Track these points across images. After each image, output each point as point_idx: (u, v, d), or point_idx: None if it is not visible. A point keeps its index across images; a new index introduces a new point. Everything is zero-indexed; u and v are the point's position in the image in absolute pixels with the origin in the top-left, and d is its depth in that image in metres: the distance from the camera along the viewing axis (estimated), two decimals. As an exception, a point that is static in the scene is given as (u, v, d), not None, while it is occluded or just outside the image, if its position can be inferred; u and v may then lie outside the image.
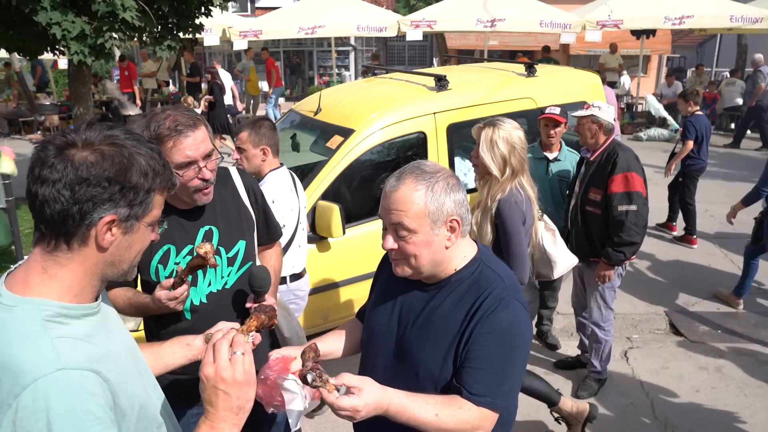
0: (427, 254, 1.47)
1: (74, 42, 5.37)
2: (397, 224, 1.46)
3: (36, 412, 0.93)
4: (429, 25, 11.69)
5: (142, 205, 1.10)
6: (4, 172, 5.40)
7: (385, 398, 1.36)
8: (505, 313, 1.45)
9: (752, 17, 11.04)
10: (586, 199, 3.51)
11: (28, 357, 0.97)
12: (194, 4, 6.43)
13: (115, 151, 1.06)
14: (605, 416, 3.56)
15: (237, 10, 19.51)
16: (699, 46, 22.81)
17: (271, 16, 13.12)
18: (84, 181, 1.02)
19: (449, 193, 1.46)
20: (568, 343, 4.36)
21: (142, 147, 1.11)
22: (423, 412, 1.39)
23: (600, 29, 11.49)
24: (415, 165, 1.51)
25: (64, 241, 1.06)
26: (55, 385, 0.95)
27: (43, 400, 0.94)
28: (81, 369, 0.99)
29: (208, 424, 1.10)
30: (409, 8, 21.56)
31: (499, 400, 1.44)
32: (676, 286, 5.29)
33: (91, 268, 1.09)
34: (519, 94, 4.65)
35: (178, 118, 1.81)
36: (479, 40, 16.63)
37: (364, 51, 22.69)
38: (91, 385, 0.99)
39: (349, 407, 1.29)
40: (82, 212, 1.03)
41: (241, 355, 1.12)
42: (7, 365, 0.96)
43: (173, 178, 1.18)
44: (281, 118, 5.07)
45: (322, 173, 3.79)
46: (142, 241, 1.16)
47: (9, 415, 0.93)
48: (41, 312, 1.02)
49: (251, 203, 2.14)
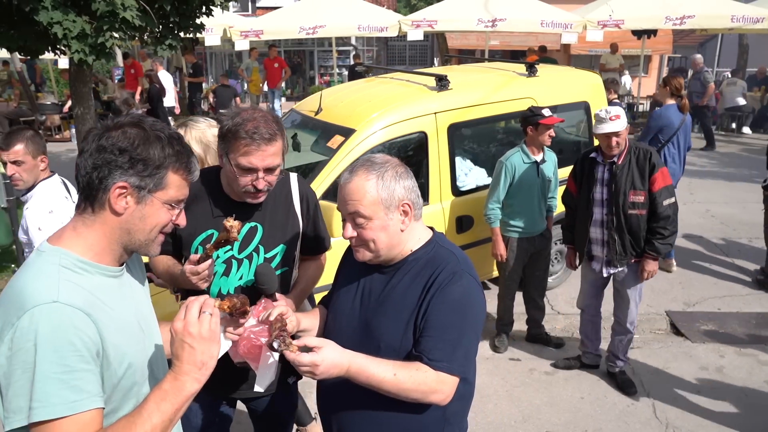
0: (384, 238, 1.59)
1: (75, 41, 5.37)
2: (353, 213, 1.58)
3: (28, 333, 1.12)
4: (430, 24, 11.68)
5: (153, 178, 1.26)
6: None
7: (344, 358, 1.47)
8: (459, 285, 1.57)
9: (753, 17, 11.03)
10: (627, 203, 3.45)
11: (35, 288, 1.17)
12: (195, 4, 6.42)
13: (136, 130, 1.26)
14: (605, 416, 3.56)
15: (238, 10, 19.50)
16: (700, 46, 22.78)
17: (272, 15, 13.11)
18: (102, 150, 1.23)
19: (399, 180, 1.59)
20: (569, 343, 4.36)
21: (163, 132, 1.29)
22: (381, 371, 1.49)
23: (601, 29, 11.48)
24: (365, 158, 1.65)
25: (89, 204, 1.26)
26: (48, 314, 1.14)
27: (36, 323, 1.12)
28: (73, 306, 1.16)
29: (173, 375, 1.22)
30: (410, 8, 21.55)
31: (455, 365, 1.54)
32: (676, 287, 5.29)
33: (109, 231, 1.27)
34: (520, 94, 4.65)
35: (260, 126, 1.84)
36: (480, 40, 16.62)
37: (365, 51, 22.68)
38: (78, 321, 1.16)
39: (308, 362, 1.41)
40: (99, 177, 1.23)
41: (208, 315, 1.25)
42: (19, 293, 1.17)
43: (190, 164, 1.32)
44: (282, 118, 5.07)
45: (323, 173, 3.80)
46: (158, 217, 1.30)
47: (9, 333, 1.13)
48: (61, 259, 1.23)
49: (302, 212, 2.16)
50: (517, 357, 4.22)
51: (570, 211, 3.87)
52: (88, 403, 1.15)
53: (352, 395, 1.65)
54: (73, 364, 1.14)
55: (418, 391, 1.51)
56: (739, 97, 12.36)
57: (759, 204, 4.89)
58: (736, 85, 12.52)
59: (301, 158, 4.66)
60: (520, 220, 4.03)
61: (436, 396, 1.54)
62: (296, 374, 2.32)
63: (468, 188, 4.46)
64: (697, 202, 7.72)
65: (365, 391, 1.56)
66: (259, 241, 2.05)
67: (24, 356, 1.12)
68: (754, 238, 6.38)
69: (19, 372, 1.12)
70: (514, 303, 4.32)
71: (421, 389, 1.51)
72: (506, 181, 3.93)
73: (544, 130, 3.84)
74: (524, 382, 3.91)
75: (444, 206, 4.26)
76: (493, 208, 4.00)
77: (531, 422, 3.52)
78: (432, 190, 4.22)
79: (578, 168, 3.72)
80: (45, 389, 1.11)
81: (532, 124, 3.85)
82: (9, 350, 1.13)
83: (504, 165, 3.93)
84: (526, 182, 3.93)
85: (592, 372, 4.00)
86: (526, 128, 3.91)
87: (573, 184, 3.79)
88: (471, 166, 4.64)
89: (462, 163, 4.53)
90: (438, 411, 1.63)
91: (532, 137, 3.90)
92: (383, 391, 1.51)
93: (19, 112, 12.98)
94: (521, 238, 4.07)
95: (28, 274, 1.22)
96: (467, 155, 4.71)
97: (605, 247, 3.59)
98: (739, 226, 6.78)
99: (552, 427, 3.48)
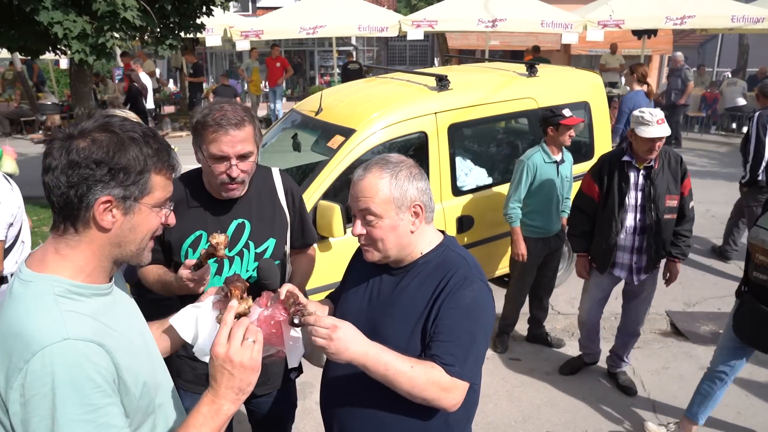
0: (393, 238, 1.58)
1: (75, 41, 5.38)
2: (364, 210, 1.57)
3: (43, 377, 1.03)
4: (430, 24, 11.68)
5: (137, 186, 1.16)
6: (5, 171, 5.40)
7: (364, 340, 1.44)
8: (470, 290, 1.55)
9: (754, 17, 11.03)
10: (664, 208, 3.39)
11: (38, 326, 1.07)
12: (196, 4, 6.43)
13: (106, 136, 1.14)
14: (606, 416, 3.56)
15: (238, 10, 19.50)
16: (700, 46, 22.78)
17: (273, 15, 13.12)
18: (75, 165, 1.11)
19: (412, 181, 1.59)
20: (570, 343, 4.36)
21: (136, 132, 1.17)
22: (399, 362, 1.45)
23: (601, 29, 11.48)
24: (380, 157, 1.64)
25: (70, 224, 1.15)
26: (61, 353, 1.04)
27: (50, 365, 1.03)
28: (85, 340, 1.08)
29: (210, 397, 1.19)
30: (410, 8, 21.55)
31: (466, 370, 1.52)
32: (676, 287, 5.27)
33: (98, 249, 1.18)
34: (520, 94, 4.65)
35: (227, 113, 1.87)
36: (480, 40, 16.60)
37: (365, 51, 22.68)
38: (94, 355, 1.08)
39: (329, 324, 1.39)
40: (78, 195, 1.12)
41: (252, 342, 1.21)
42: (20, 333, 1.06)
43: (171, 160, 1.23)
44: (282, 118, 5.08)
45: (324, 173, 3.80)
46: (148, 223, 1.22)
47: (19, 378, 1.03)
48: (53, 288, 1.13)
49: (288, 205, 2.18)
50: (517, 357, 4.22)
51: (583, 216, 3.62)
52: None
53: (354, 396, 1.65)
54: (96, 401, 1.07)
55: (431, 390, 1.47)
56: (739, 97, 12.35)
57: (759, 204, 4.89)
58: (737, 86, 12.52)
59: (302, 158, 4.67)
60: (538, 220, 3.99)
61: (446, 399, 1.49)
62: (298, 370, 2.32)
63: (468, 188, 4.46)
64: (698, 202, 7.61)
65: (368, 392, 1.55)
66: (248, 237, 2.05)
67: (41, 402, 1.03)
68: (755, 238, 6.39)
69: (36, 420, 1.04)
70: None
71: (434, 389, 1.47)
72: (527, 180, 3.87)
73: (564, 130, 3.79)
74: (524, 382, 3.91)
75: (444, 206, 4.26)
76: (514, 207, 3.94)
77: (531, 422, 3.53)
78: (432, 190, 4.19)
79: (605, 171, 3.46)
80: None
81: (552, 124, 3.80)
82: (22, 397, 1.04)
83: (525, 164, 3.87)
84: (546, 182, 3.90)
85: (592, 372, 4.00)
86: (547, 128, 3.86)
87: (595, 188, 3.51)
88: (471, 166, 4.64)
89: (462, 163, 4.53)
90: (441, 418, 1.61)
91: (553, 137, 3.85)
92: (397, 385, 1.45)
93: (19, 112, 13.00)
94: (538, 238, 4.03)
95: (21, 310, 1.10)
96: (467, 155, 4.71)
97: (636, 254, 3.48)
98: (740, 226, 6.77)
99: (552, 427, 3.48)
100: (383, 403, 1.58)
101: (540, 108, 4.70)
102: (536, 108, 4.68)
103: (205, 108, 1.93)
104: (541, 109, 4.30)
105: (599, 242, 3.54)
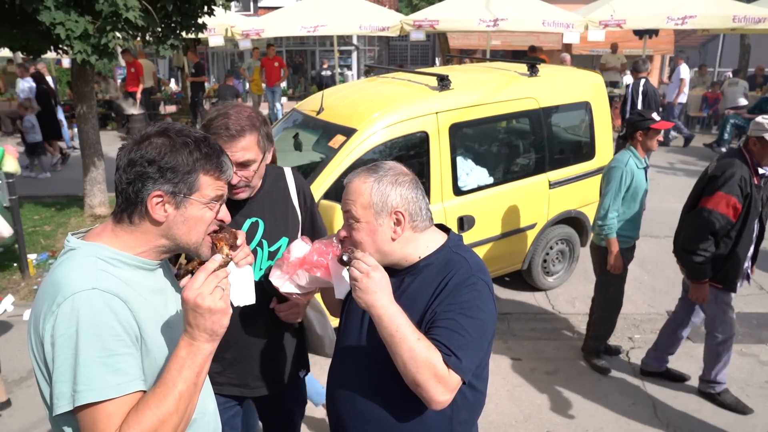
0: (371, 242, 1.59)
1: (77, 41, 5.38)
2: (347, 212, 1.61)
3: (70, 319, 1.17)
4: (431, 24, 11.67)
5: (186, 183, 1.30)
6: (7, 170, 5.43)
7: (390, 295, 1.49)
8: (470, 289, 1.55)
9: (755, 17, 11.01)
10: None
11: (74, 277, 1.23)
12: (197, 4, 6.44)
13: (162, 139, 1.30)
14: (607, 416, 3.57)
15: (240, 10, 19.52)
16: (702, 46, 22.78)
17: (274, 15, 13.12)
18: (132, 163, 1.29)
19: (396, 188, 1.58)
20: (571, 343, 4.36)
21: (190, 137, 1.33)
22: (409, 329, 1.47)
23: (603, 29, 11.48)
24: (375, 162, 1.66)
25: (128, 216, 1.31)
26: (87, 300, 1.19)
27: (77, 309, 1.18)
28: (111, 293, 1.22)
29: (187, 341, 1.26)
30: (411, 8, 21.57)
31: (462, 365, 1.50)
32: (677, 286, 5.26)
33: (152, 238, 1.33)
34: (521, 94, 4.66)
35: (230, 121, 1.90)
36: (482, 39, 16.59)
37: (366, 50, 22.68)
38: (117, 306, 1.22)
39: (372, 264, 1.48)
40: (134, 190, 1.28)
41: (221, 290, 1.28)
42: (59, 283, 1.23)
43: (220, 164, 1.36)
44: (283, 118, 5.08)
45: (325, 172, 3.80)
46: (199, 217, 1.35)
47: (51, 320, 1.19)
48: (98, 252, 1.29)
49: (300, 204, 2.21)
50: (518, 356, 4.22)
51: (712, 240, 3.30)
52: (133, 385, 1.20)
53: (358, 392, 1.67)
54: (115, 348, 1.19)
55: (425, 372, 1.45)
56: (740, 97, 12.34)
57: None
58: (738, 85, 12.50)
59: (303, 158, 4.67)
60: (629, 229, 3.83)
61: (436, 390, 1.46)
62: (307, 368, 2.34)
63: (469, 188, 4.46)
64: (699, 202, 7.71)
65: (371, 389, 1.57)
66: (261, 236, 2.08)
67: (67, 342, 1.17)
68: (756, 238, 6.39)
69: (62, 358, 1.17)
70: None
71: (428, 372, 1.45)
72: (624, 186, 3.73)
73: (654, 134, 3.71)
74: (525, 382, 3.92)
75: (445, 206, 4.27)
76: (613, 217, 3.73)
77: (532, 422, 3.53)
78: (433, 190, 4.22)
79: (743, 186, 3.23)
80: (89, 373, 1.16)
81: (642, 128, 3.71)
82: (51, 337, 1.18)
83: (623, 170, 3.70)
84: (638, 188, 3.77)
85: (593, 372, 4.00)
86: (635, 133, 3.74)
87: (739, 207, 3.25)
88: (472, 165, 4.64)
89: (463, 162, 4.54)
90: (445, 418, 1.61)
91: (642, 142, 3.73)
92: (398, 350, 1.46)
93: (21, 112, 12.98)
94: (628, 248, 3.89)
95: (65, 267, 1.27)
96: (468, 155, 4.72)
97: (750, 262, 3.45)
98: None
99: (553, 426, 3.49)
100: (386, 401, 1.59)
101: (541, 108, 4.71)
102: (537, 108, 4.69)
103: (213, 111, 1.98)
104: (541, 109, 4.29)
105: (734, 260, 3.33)
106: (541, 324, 4.68)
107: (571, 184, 4.92)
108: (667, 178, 9.02)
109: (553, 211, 4.88)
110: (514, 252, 4.84)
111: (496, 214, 4.57)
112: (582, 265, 5.50)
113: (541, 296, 5.11)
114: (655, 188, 8.40)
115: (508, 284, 5.26)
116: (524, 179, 4.74)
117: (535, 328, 4.63)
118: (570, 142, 5.29)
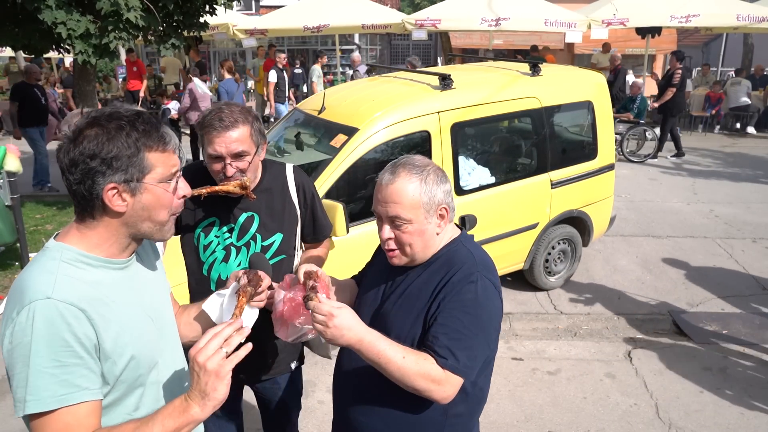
0: (420, 242, 1.61)
1: (79, 41, 5.39)
2: (393, 215, 1.59)
3: (25, 328, 1.18)
4: (433, 24, 11.67)
5: (135, 167, 1.25)
6: (9, 169, 5.43)
7: (361, 326, 1.50)
8: (474, 286, 1.57)
9: (759, 16, 10.99)
10: None
11: (34, 284, 1.22)
12: (199, 3, 6.44)
13: (96, 130, 1.24)
14: (608, 416, 3.56)
15: (242, 9, 19.51)
16: (705, 45, 22.71)
17: (276, 14, 13.11)
18: (74, 163, 1.23)
19: (439, 184, 1.61)
20: (572, 343, 4.35)
21: (122, 119, 1.26)
22: (392, 350, 1.49)
23: (606, 27, 11.46)
24: (406, 159, 1.64)
25: (88, 214, 1.29)
26: (41, 310, 1.18)
27: (31, 319, 1.18)
28: (66, 303, 1.20)
29: (184, 396, 1.26)
30: (413, 7, 21.54)
31: (461, 365, 1.52)
32: (679, 287, 5.28)
33: (115, 230, 1.30)
34: (523, 94, 4.64)
35: (223, 114, 1.96)
36: (484, 39, 16.59)
37: (368, 50, 22.67)
38: (70, 317, 1.20)
39: (326, 311, 1.46)
40: (87, 188, 1.24)
41: (224, 352, 1.26)
42: (22, 288, 1.22)
43: (161, 136, 1.29)
44: (284, 117, 5.08)
45: (326, 172, 3.80)
46: (159, 199, 1.30)
47: (10, 327, 1.20)
48: (63, 254, 1.27)
49: (299, 201, 2.25)
50: (519, 356, 4.21)
51: None
52: (78, 396, 1.20)
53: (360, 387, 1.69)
54: (64, 359, 1.19)
55: (421, 381, 1.49)
56: (744, 96, 12.31)
57: (763, 204, 4.87)
58: (741, 85, 12.48)
59: (304, 157, 4.66)
60: None
61: (437, 391, 1.50)
62: (300, 360, 2.36)
63: (471, 187, 4.45)
64: (701, 202, 7.69)
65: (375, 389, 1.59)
66: (256, 230, 2.13)
67: (22, 350, 1.18)
68: (759, 238, 6.37)
69: (19, 365, 1.19)
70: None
71: (424, 380, 1.49)
72: None
73: None
74: (527, 382, 3.91)
75: (447, 205, 4.25)
76: None
77: (533, 422, 3.52)
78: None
79: None
80: (37, 383, 1.17)
81: None
82: (10, 344, 1.19)
83: None
84: None
85: (594, 372, 3.99)
86: None
87: None
88: (474, 165, 4.63)
89: (465, 162, 4.53)
90: (439, 410, 1.62)
91: None
92: (388, 372, 1.50)
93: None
94: None
95: (32, 269, 1.26)
96: (470, 154, 4.71)
97: None
98: (743, 227, 6.76)
99: (554, 426, 3.48)
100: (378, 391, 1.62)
101: (543, 107, 4.69)
102: (539, 107, 4.67)
103: (207, 110, 2.05)
104: (543, 108, 4.27)
105: None
106: (543, 324, 4.67)
107: (573, 183, 4.91)
108: (669, 178, 9.01)
109: (555, 211, 4.87)
110: (516, 251, 4.83)
111: (498, 213, 4.55)
112: (584, 265, 5.49)
113: (542, 296, 5.11)
114: (657, 188, 8.39)
115: (510, 284, 5.25)
116: (526, 179, 4.73)
117: (537, 328, 4.62)
118: (572, 142, 5.27)
